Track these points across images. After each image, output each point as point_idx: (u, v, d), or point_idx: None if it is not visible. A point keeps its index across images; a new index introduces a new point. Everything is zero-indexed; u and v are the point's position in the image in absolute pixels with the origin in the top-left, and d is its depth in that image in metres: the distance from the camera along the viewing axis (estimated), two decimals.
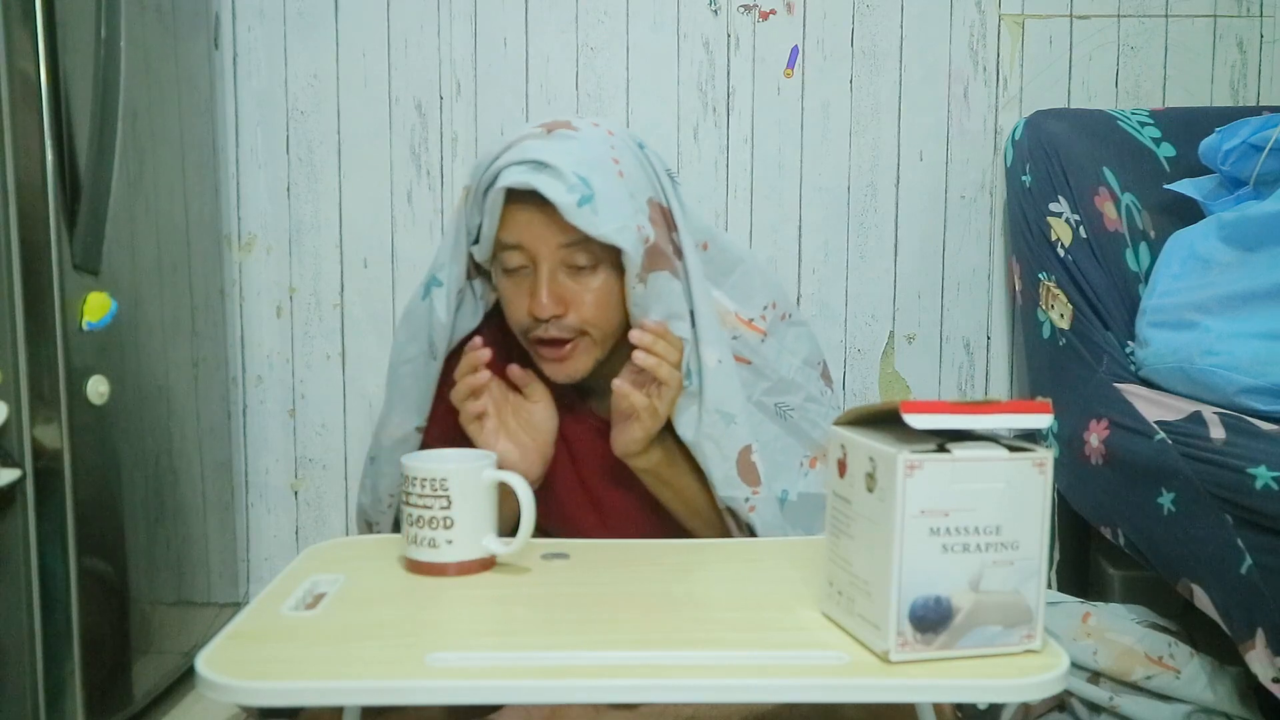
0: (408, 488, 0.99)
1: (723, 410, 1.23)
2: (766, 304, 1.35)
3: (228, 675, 0.77)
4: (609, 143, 1.23)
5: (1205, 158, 1.66)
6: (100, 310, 1.42)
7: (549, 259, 1.19)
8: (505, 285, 1.24)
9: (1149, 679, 1.35)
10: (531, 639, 0.86)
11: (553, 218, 1.16)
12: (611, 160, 1.20)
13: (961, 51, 1.94)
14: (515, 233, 1.19)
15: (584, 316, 1.21)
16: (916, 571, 0.78)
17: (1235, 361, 1.39)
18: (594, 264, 1.20)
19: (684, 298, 1.24)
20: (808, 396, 1.35)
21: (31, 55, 1.33)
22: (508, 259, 1.21)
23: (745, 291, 1.33)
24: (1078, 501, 1.59)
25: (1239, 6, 1.93)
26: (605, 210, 1.16)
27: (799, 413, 1.34)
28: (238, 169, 1.95)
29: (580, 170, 1.16)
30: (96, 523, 1.45)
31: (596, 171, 1.17)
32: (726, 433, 1.23)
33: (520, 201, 1.18)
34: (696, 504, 1.27)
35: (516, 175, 1.16)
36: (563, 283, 1.20)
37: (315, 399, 1.99)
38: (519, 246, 1.19)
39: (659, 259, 1.21)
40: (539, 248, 1.19)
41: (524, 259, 1.20)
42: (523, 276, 1.21)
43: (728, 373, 1.25)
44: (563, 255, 1.19)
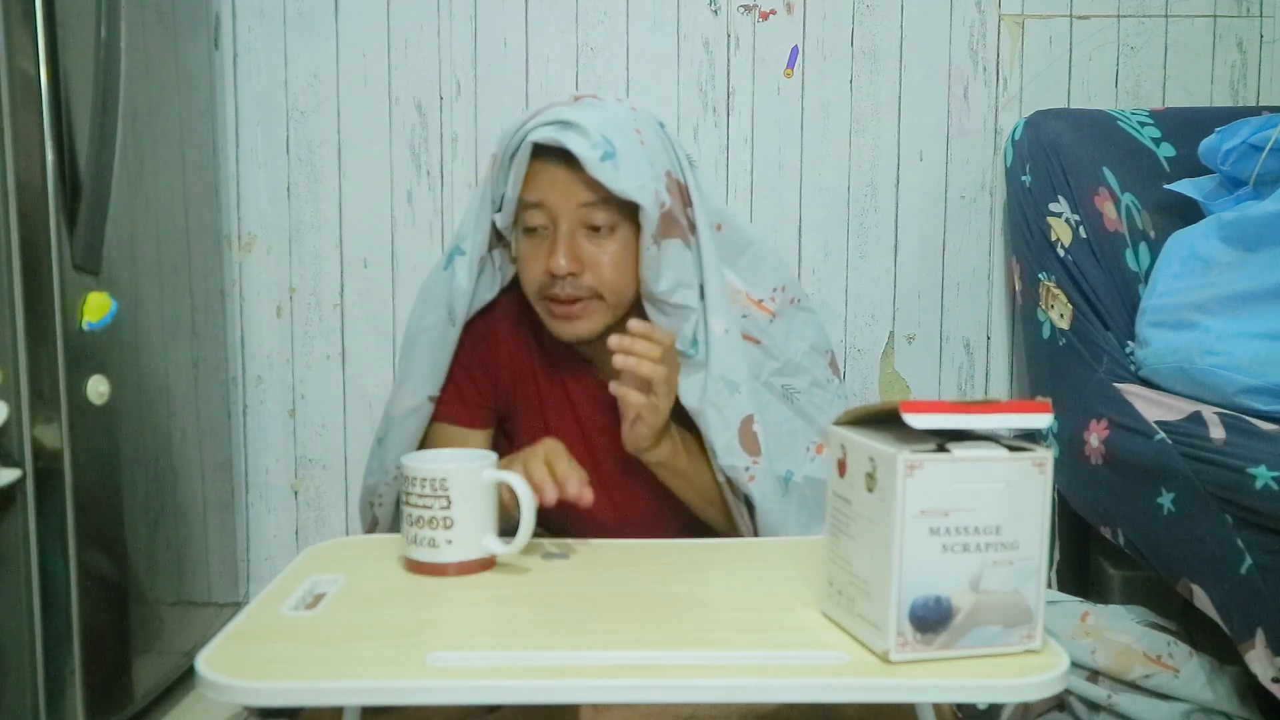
0: (408, 488, 0.99)
1: (727, 378, 1.26)
2: (776, 286, 1.37)
3: (228, 675, 0.77)
4: (632, 115, 1.27)
5: (1205, 158, 1.66)
6: (100, 310, 1.42)
7: (569, 218, 1.21)
8: (524, 246, 1.26)
9: (1147, 678, 1.35)
10: (531, 639, 0.86)
11: (575, 176, 1.19)
12: (634, 130, 1.24)
13: (961, 51, 1.94)
14: (538, 191, 1.22)
15: (599, 278, 1.23)
16: (916, 571, 0.78)
17: (1235, 361, 1.39)
18: (612, 225, 1.22)
19: (694, 268, 1.27)
20: (814, 381, 1.37)
21: (31, 55, 1.33)
22: (529, 217, 1.23)
23: (756, 272, 1.35)
24: (1078, 501, 1.59)
25: (1239, 6, 1.93)
26: (626, 168, 1.19)
27: (805, 396, 1.36)
28: (238, 169, 1.96)
29: (604, 131, 1.20)
30: (96, 523, 1.45)
31: (619, 134, 1.21)
32: (730, 400, 1.26)
33: (544, 159, 1.21)
34: (710, 493, 1.29)
35: (544, 133, 1.19)
36: (580, 244, 1.22)
37: (315, 399, 1.99)
38: (540, 204, 1.22)
39: (673, 227, 1.24)
40: (560, 206, 1.21)
41: (544, 218, 1.22)
42: (541, 237, 1.23)
43: (733, 343, 1.28)
44: (582, 215, 1.21)
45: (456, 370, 1.32)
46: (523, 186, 1.23)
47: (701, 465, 1.28)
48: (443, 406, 1.32)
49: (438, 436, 1.33)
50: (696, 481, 1.28)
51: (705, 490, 1.29)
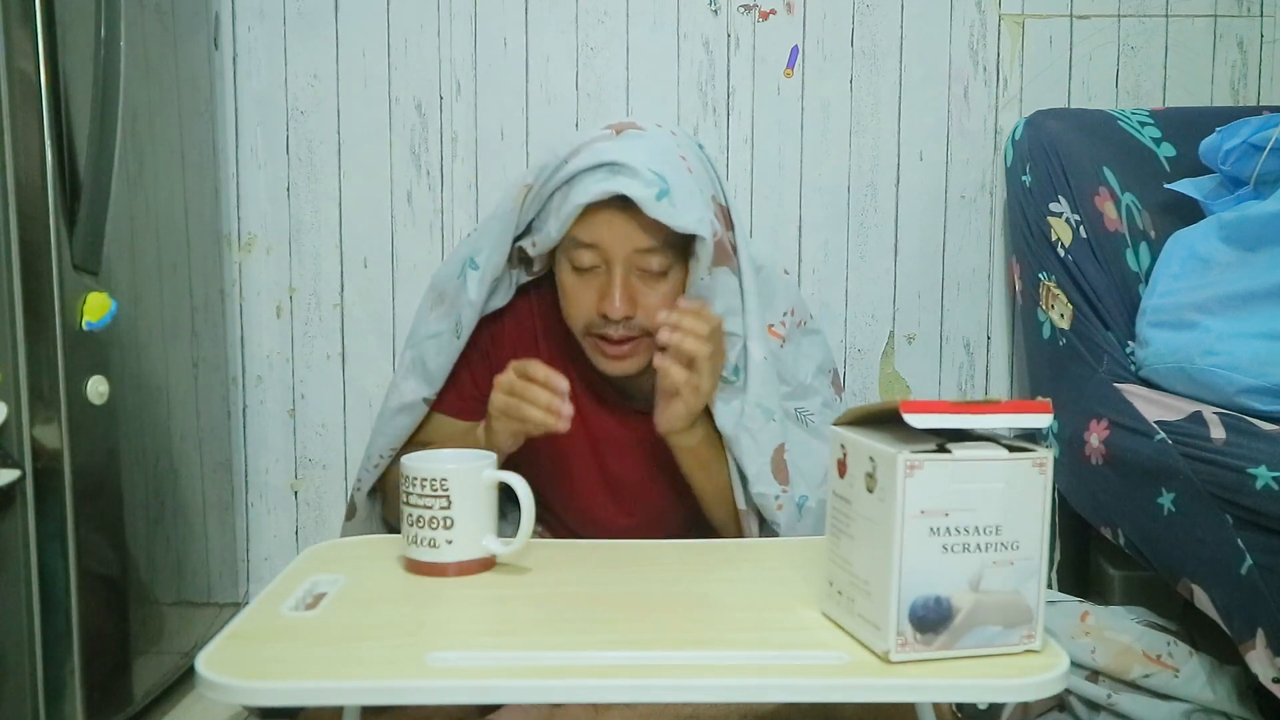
0: (408, 488, 0.99)
1: (764, 405, 1.25)
2: (786, 310, 1.36)
3: (228, 675, 0.77)
4: (674, 141, 1.25)
5: (1205, 158, 1.66)
6: (100, 310, 1.42)
7: (623, 261, 1.20)
8: (571, 281, 1.24)
9: (1147, 677, 1.35)
10: (531, 639, 0.86)
11: (631, 219, 1.18)
12: (680, 158, 1.23)
13: (961, 51, 1.94)
14: (592, 232, 1.20)
15: (651, 319, 1.21)
16: (916, 571, 0.78)
17: (1235, 361, 1.39)
18: (664, 270, 1.22)
19: (739, 294, 1.27)
20: (824, 402, 1.38)
21: (31, 55, 1.33)
22: (580, 257, 1.21)
23: (767, 297, 1.34)
24: (1078, 501, 1.59)
25: (1239, 6, 1.93)
26: (682, 202, 1.18)
27: (818, 418, 1.36)
28: (238, 169, 1.95)
29: (654, 166, 1.18)
30: (96, 523, 1.45)
31: (669, 166, 1.20)
32: (765, 428, 1.25)
33: (597, 203, 1.18)
34: (725, 492, 1.28)
35: (595, 185, 1.17)
36: (635, 285, 1.21)
37: (315, 399, 1.99)
38: (594, 246, 1.20)
39: (722, 255, 1.23)
40: (615, 249, 1.20)
41: (597, 259, 1.21)
42: (592, 275, 1.22)
43: (770, 370, 1.27)
44: (636, 259, 1.20)
45: (459, 365, 1.32)
46: (573, 224, 1.20)
47: (723, 462, 1.27)
48: (443, 399, 1.33)
49: (436, 427, 1.33)
50: (715, 475, 1.27)
51: (722, 488, 1.28)
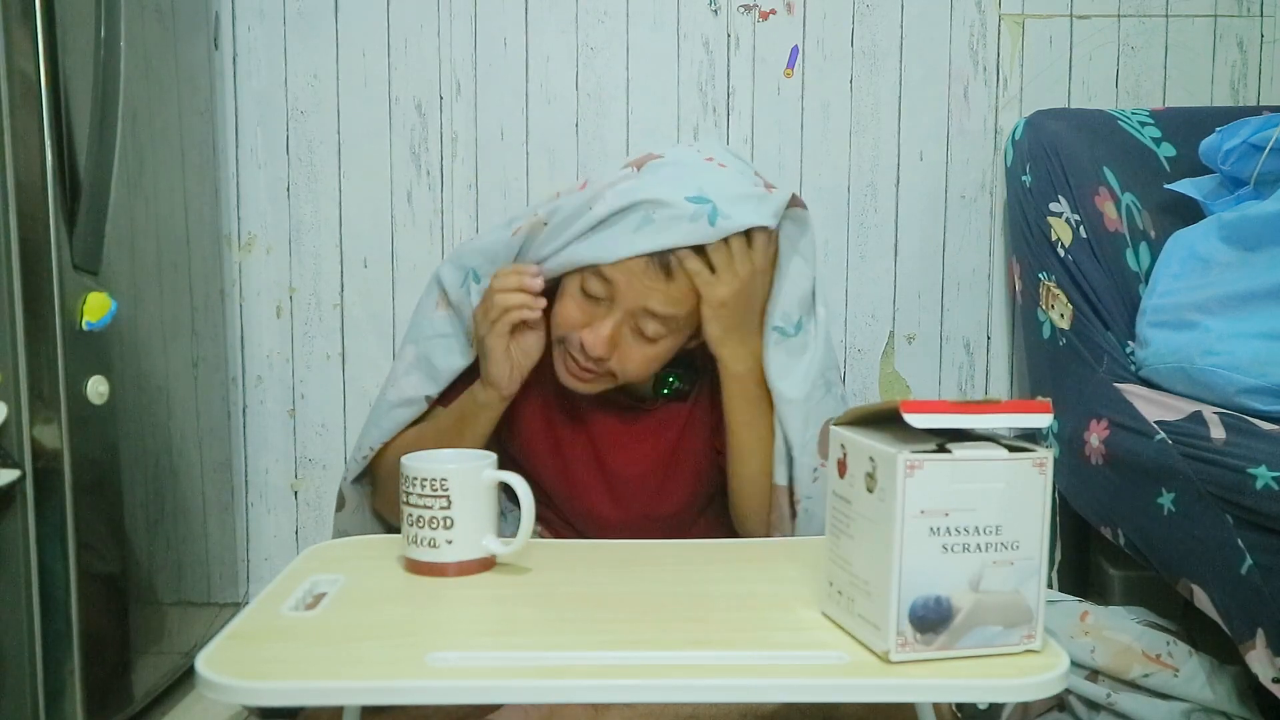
0: (407, 488, 0.99)
1: (826, 376, 1.25)
2: None
3: (228, 675, 0.77)
4: (694, 149, 1.24)
5: (1206, 157, 1.66)
6: (100, 310, 1.42)
7: (627, 310, 1.19)
8: (573, 294, 1.22)
9: (1147, 677, 1.35)
10: (531, 639, 0.86)
11: (659, 276, 1.16)
12: (706, 160, 1.21)
13: (961, 51, 1.94)
14: (614, 271, 1.18)
15: (622, 369, 1.22)
16: (916, 571, 0.78)
17: (1235, 361, 1.39)
18: (656, 337, 1.21)
19: (812, 244, 1.26)
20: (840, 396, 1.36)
21: (31, 55, 1.33)
22: (592, 285, 1.20)
23: None
24: (1078, 501, 1.59)
25: (1239, 6, 1.93)
26: (733, 207, 1.16)
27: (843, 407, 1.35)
28: (238, 169, 1.95)
29: (688, 190, 1.16)
30: (96, 523, 1.45)
31: (702, 178, 1.17)
32: (824, 400, 1.24)
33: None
34: (766, 446, 1.25)
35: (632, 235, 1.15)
36: (623, 334, 1.20)
37: (315, 399, 1.99)
38: (610, 283, 1.18)
39: (794, 200, 1.22)
40: (626, 297, 1.18)
41: (606, 293, 1.19)
42: (594, 301, 1.21)
43: (828, 341, 1.27)
44: (639, 315, 1.19)
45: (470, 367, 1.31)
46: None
47: (769, 415, 1.25)
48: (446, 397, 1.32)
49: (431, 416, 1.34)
50: (758, 423, 1.25)
51: (761, 440, 1.25)
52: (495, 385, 1.23)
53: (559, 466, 1.33)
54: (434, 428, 1.30)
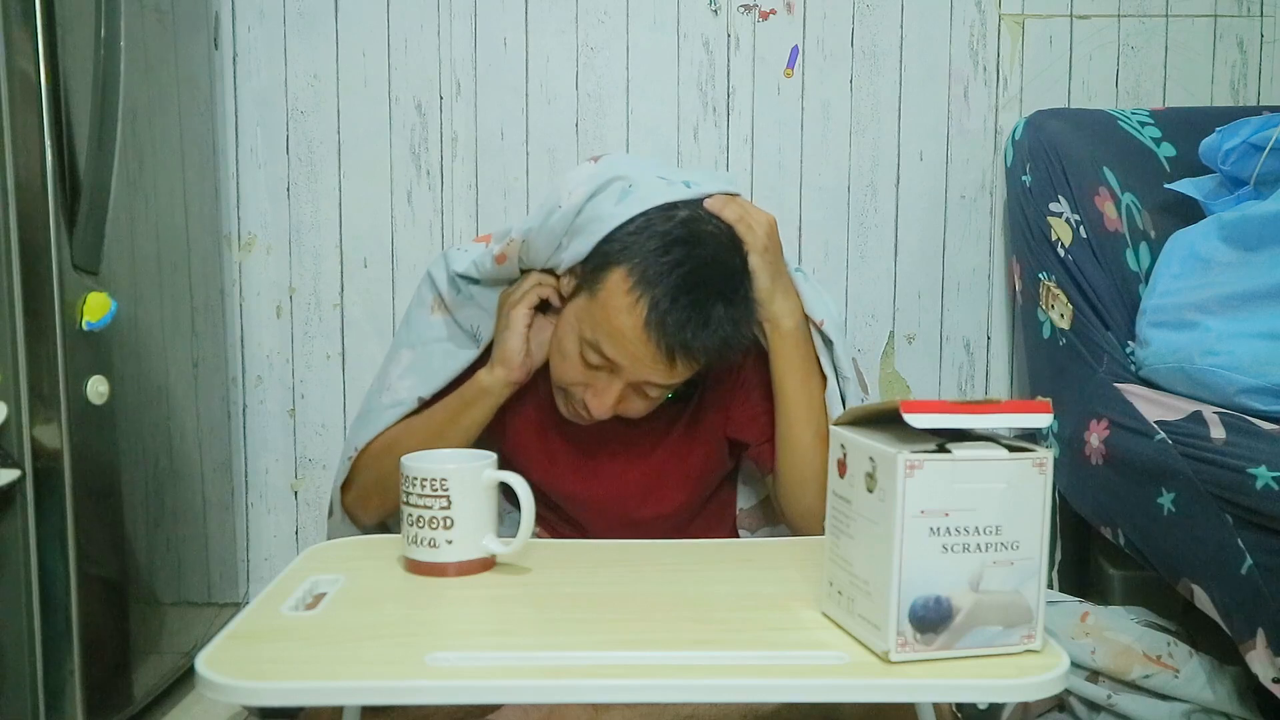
0: (407, 487, 0.99)
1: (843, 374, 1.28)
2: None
3: (228, 675, 0.77)
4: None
5: (1206, 157, 1.66)
6: (100, 310, 1.42)
7: (629, 381, 1.18)
8: (569, 351, 1.19)
9: (1147, 678, 1.35)
10: (531, 639, 0.86)
11: (661, 358, 1.15)
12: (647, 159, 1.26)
13: (961, 51, 1.94)
14: (616, 353, 1.16)
15: (622, 411, 1.22)
16: (916, 571, 0.78)
17: (1235, 361, 1.39)
18: (662, 395, 1.22)
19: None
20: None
21: (31, 55, 1.33)
22: (591, 355, 1.17)
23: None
24: (1078, 501, 1.59)
25: (1239, 6, 1.93)
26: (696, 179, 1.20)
27: None
28: (238, 169, 1.95)
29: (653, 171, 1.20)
30: (96, 523, 1.45)
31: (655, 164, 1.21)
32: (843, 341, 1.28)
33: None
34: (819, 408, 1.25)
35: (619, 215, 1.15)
36: (626, 394, 1.20)
37: (315, 399, 1.99)
38: (613, 360, 1.16)
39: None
40: (630, 373, 1.17)
41: (608, 366, 1.18)
42: (590, 365, 1.18)
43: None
44: (641, 385, 1.19)
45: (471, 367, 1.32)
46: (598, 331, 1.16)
47: (819, 374, 1.26)
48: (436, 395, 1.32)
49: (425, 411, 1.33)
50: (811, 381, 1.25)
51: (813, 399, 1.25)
52: (507, 364, 1.22)
53: (551, 470, 1.32)
54: (424, 419, 1.29)
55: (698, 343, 1.14)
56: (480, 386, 1.25)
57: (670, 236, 1.14)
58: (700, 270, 1.14)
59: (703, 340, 1.14)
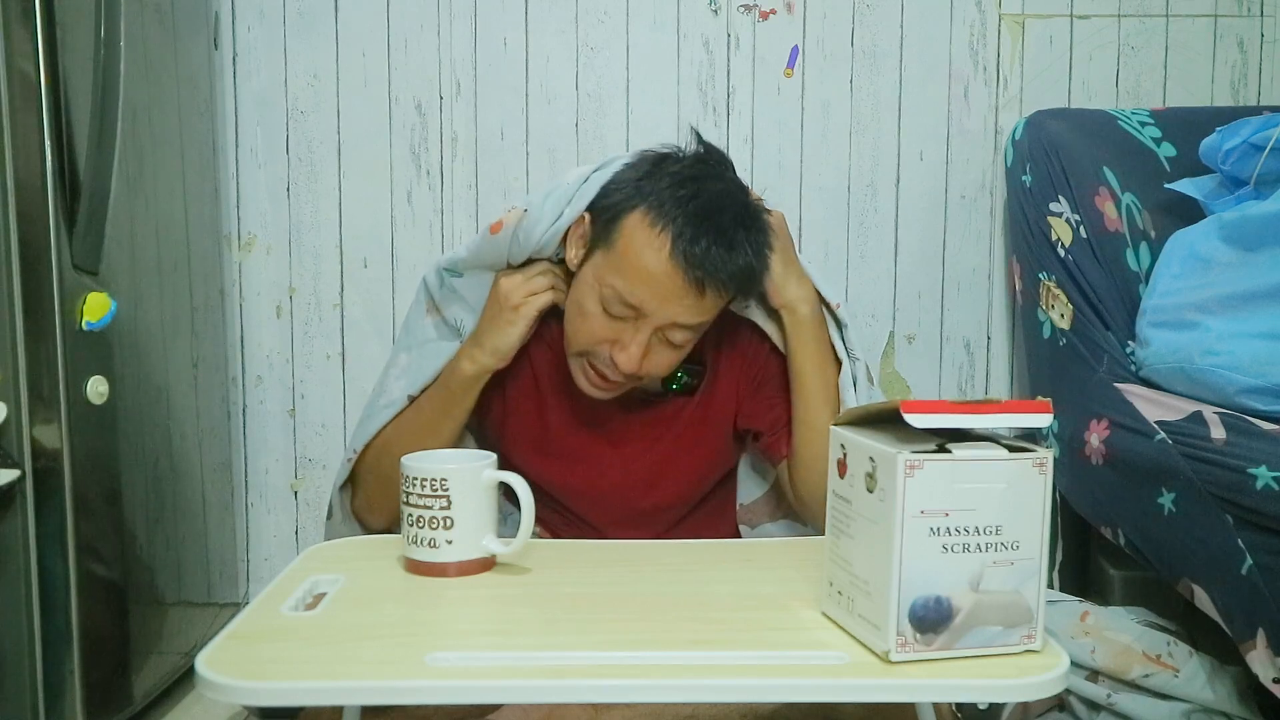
0: (407, 488, 0.99)
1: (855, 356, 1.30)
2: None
3: (228, 675, 0.77)
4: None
5: (1206, 157, 1.66)
6: (100, 310, 1.42)
7: (656, 325, 1.18)
8: (594, 310, 1.19)
9: (1147, 677, 1.35)
10: (531, 639, 0.86)
11: (690, 286, 1.15)
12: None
13: (961, 51, 1.94)
14: (638, 296, 1.16)
15: (649, 372, 1.21)
16: (916, 571, 0.78)
17: (1236, 361, 1.39)
18: (686, 343, 1.21)
19: None
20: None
21: (31, 55, 1.33)
22: (615, 306, 1.17)
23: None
24: (1078, 501, 1.59)
25: (1239, 6, 1.93)
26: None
27: None
28: (238, 169, 1.95)
29: None
30: (96, 523, 1.45)
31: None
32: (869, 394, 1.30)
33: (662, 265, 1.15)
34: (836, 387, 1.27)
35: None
36: (652, 346, 1.19)
37: (315, 399, 1.99)
38: (638, 302, 1.16)
39: None
40: (656, 313, 1.17)
41: (633, 313, 1.17)
42: (619, 319, 1.18)
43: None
44: (667, 328, 1.18)
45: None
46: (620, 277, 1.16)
47: (835, 362, 1.28)
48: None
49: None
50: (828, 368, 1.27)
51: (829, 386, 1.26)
52: (499, 355, 1.23)
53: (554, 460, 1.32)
54: (414, 415, 1.29)
55: (725, 268, 1.15)
56: (465, 377, 1.25)
57: (680, 175, 1.17)
58: (716, 200, 1.16)
59: (729, 265, 1.15)
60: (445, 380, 1.27)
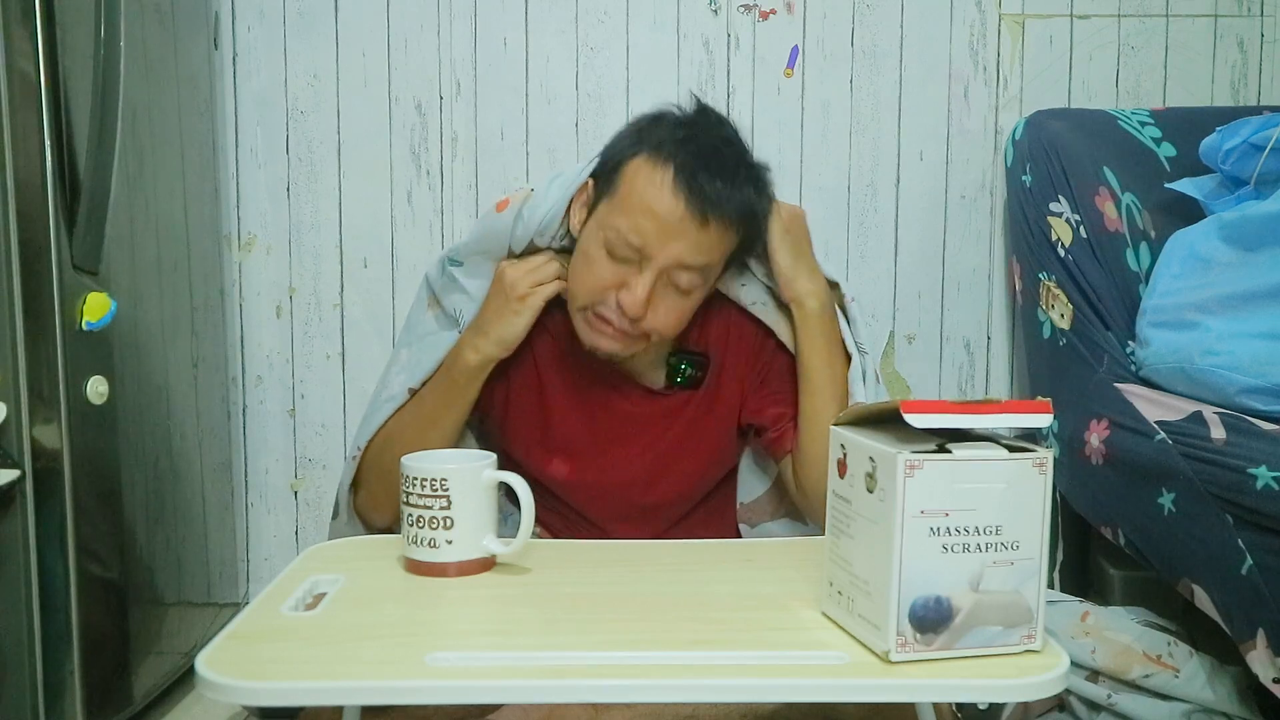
0: (407, 488, 0.99)
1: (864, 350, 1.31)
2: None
3: (228, 675, 0.77)
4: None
5: (1206, 157, 1.66)
6: (100, 310, 1.42)
7: (660, 266, 1.18)
8: (599, 256, 1.19)
9: (1147, 677, 1.35)
10: (531, 639, 0.86)
11: (692, 215, 1.16)
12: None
13: (961, 51, 1.94)
14: (641, 230, 1.17)
15: (656, 325, 1.21)
16: (916, 571, 0.78)
17: (1236, 361, 1.39)
18: (693, 288, 1.21)
19: None
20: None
21: (31, 55, 1.33)
22: (619, 247, 1.18)
23: None
24: (1078, 501, 1.59)
25: (1239, 6, 1.93)
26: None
27: None
28: (238, 169, 1.95)
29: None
30: (96, 523, 1.45)
31: None
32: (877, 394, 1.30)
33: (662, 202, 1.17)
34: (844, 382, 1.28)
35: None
36: (658, 291, 1.19)
37: (315, 399, 1.99)
38: (641, 239, 1.17)
39: None
40: (659, 250, 1.17)
41: (636, 254, 1.18)
42: (623, 261, 1.19)
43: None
44: (672, 270, 1.18)
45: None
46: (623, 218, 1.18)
47: (844, 357, 1.29)
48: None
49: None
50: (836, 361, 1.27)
51: (838, 379, 1.27)
52: (503, 345, 1.23)
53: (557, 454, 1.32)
54: (415, 408, 1.29)
55: (727, 198, 1.17)
56: (469, 367, 1.25)
57: (680, 123, 1.21)
58: (714, 141, 1.20)
59: (731, 197, 1.17)
60: (447, 370, 1.27)
